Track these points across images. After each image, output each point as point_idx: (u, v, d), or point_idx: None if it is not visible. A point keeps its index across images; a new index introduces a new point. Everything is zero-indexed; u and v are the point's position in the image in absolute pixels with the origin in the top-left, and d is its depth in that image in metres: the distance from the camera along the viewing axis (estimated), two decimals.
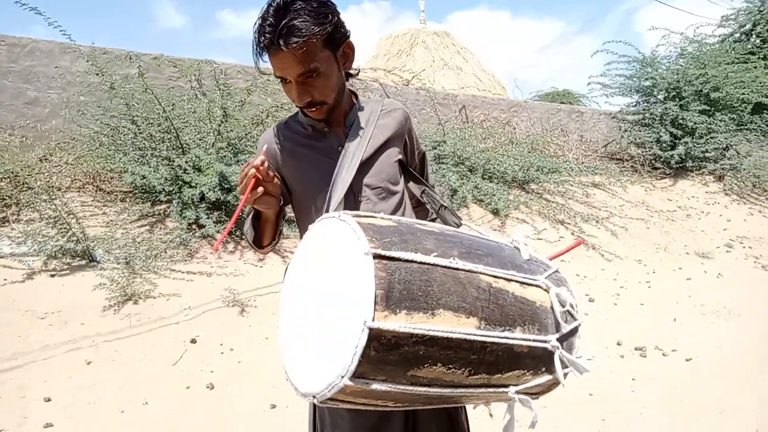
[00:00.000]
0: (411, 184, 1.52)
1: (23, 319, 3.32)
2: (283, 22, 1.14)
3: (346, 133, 1.38)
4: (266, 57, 1.22)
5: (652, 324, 4.12)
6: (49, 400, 2.70)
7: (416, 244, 0.97)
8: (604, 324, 4.12)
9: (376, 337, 0.85)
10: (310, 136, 1.39)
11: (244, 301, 3.82)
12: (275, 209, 1.29)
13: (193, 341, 3.37)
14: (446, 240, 1.04)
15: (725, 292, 4.83)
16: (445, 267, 0.96)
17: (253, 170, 1.14)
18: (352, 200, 1.35)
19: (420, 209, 1.60)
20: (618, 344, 3.75)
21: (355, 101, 1.44)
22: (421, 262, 0.93)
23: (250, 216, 1.38)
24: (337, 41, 1.26)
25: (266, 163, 1.16)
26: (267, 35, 1.17)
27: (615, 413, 2.89)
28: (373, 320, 0.85)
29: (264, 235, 1.38)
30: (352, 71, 1.36)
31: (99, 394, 2.79)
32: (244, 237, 1.47)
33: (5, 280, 3.62)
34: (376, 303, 0.86)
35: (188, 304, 3.74)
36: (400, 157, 1.46)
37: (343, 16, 1.28)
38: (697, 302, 4.58)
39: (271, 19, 1.16)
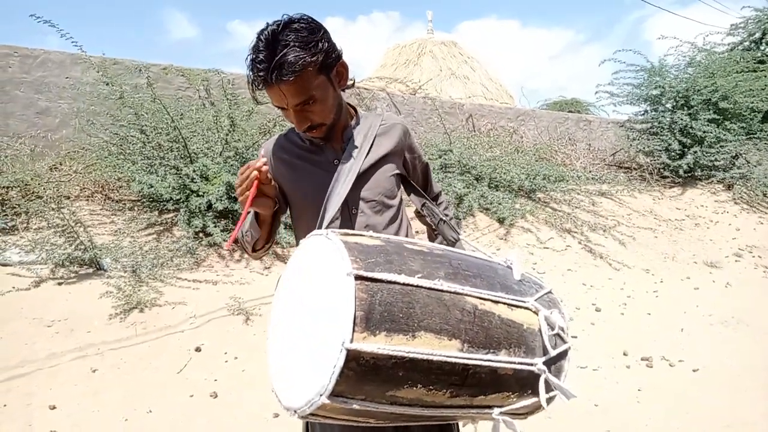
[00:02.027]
0: (412, 197, 1.53)
1: (30, 326, 3.35)
2: (275, 58, 1.15)
3: (343, 148, 1.39)
4: (263, 89, 1.24)
5: (659, 334, 4.08)
6: (54, 407, 2.72)
7: (401, 265, 0.97)
8: (610, 334, 4.09)
9: (354, 358, 0.86)
10: (307, 149, 1.41)
11: (249, 310, 3.83)
12: (271, 212, 1.31)
13: (198, 350, 3.38)
14: (434, 260, 1.04)
15: (733, 301, 4.78)
16: (428, 288, 0.96)
17: (255, 172, 1.17)
18: (347, 213, 1.37)
19: (422, 221, 1.60)
20: (624, 354, 3.72)
21: (354, 115, 1.45)
22: (404, 284, 0.94)
23: (249, 218, 1.39)
24: (330, 65, 1.27)
25: (266, 166, 1.20)
26: (260, 73, 1.18)
27: (620, 424, 2.86)
28: (352, 341, 0.86)
29: (260, 238, 1.40)
30: (348, 82, 1.37)
31: (103, 402, 2.81)
32: (240, 241, 1.49)
33: (13, 288, 3.66)
34: (355, 324, 0.87)
35: (193, 312, 3.76)
36: (398, 171, 1.46)
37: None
38: (705, 312, 4.53)
39: (262, 55, 1.17)
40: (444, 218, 1.48)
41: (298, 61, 1.16)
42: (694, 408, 3.01)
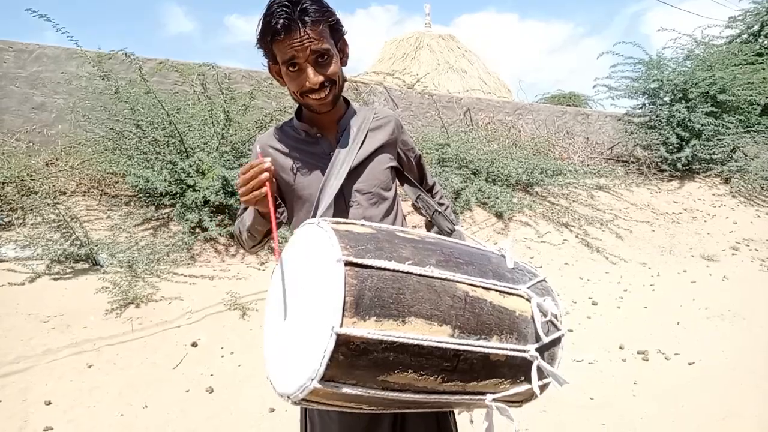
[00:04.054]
0: (407, 189, 1.53)
1: (26, 322, 3.35)
2: (298, 5, 1.21)
3: (338, 139, 1.39)
4: (274, 45, 1.24)
5: (656, 328, 4.08)
6: (49, 403, 2.72)
7: (392, 252, 0.98)
8: (606, 327, 4.10)
9: (344, 343, 0.88)
10: (303, 141, 1.41)
11: (246, 305, 3.83)
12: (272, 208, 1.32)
13: (194, 345, 3.38)
14: (425, 248, 1.05)
15: (730, 295, 4.79)
16: (419, 275, 0.97)
17: (266, 174, 1.18)
18: (342, 205, 1.37)
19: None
20: (620, 348, 3.73)
21: (347, 108, 1.45)
22: (394, 270, 0.95)
23: (252, 215, 1.39)
24: (339, 34, 1.32)
25: (271, 164, 1.21)
26: (284, 15, 1.20)
27: (616, 418, 2.86)
28: (341, 326, 0.87)
29: (261, 233, 1.43)
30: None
31: (99, 398, 2.81)
32: (235, 235, 1.50)
33: (9, 283, 3.66)
34: (345, 309, 0.88)
35: (190, 307, 3.76)
36: (393, 163, 1.47)
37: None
38: (702, 305, 4.54)
39: (282, 4, 1.20)
40: (438, 209, 1.48)
41: (318, 10, 1.23)
42: (690, 401, 3.01)
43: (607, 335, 3.93)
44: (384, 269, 0.94)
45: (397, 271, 0.95)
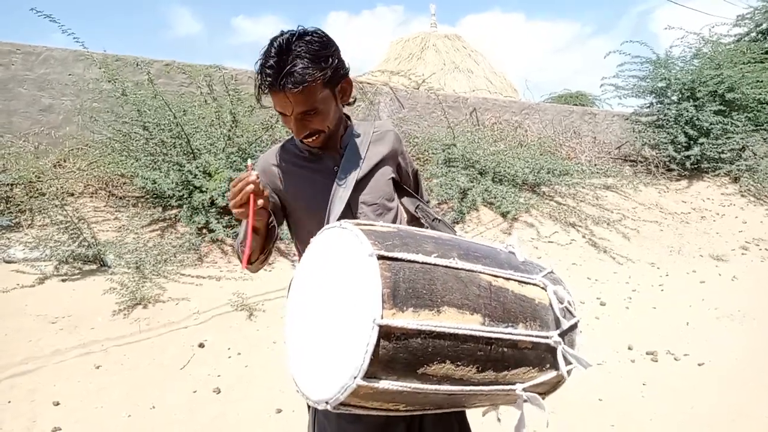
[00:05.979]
0: (405, 200, 1.57)
1: (35, 323, 3.36)
2: (285, 67, 1.19)
3: (342, 154, 1.43)
4: (268, 94, 1.28)
5: (665, 328, 4.05)
6: (57, 404, 2.73)
7: (417, 247, 1.00)
8: (615, 328, 4.07)
9: (385, 335, 0.88)
10: (306, 158, 1.45)
11: (253, 306, 3.83)
12: (265, 222, 1.32)
13: (201, 345, 3.39)
14: (445, 243, 1.08)
15: (740, 295, 4.75)
16: (446, 267, 1.00)
17: (251, 186, 1.18)
18: (349, 217, 1.40)
19: (415, 225, 1.62)
20: (629, 349, 3.70)
21: (348, 124, 1.50)
22: (423, 263, 0.97)
23: (242, 228, 1.40)
24: (337, 80, 1.31)
25: (258, 178, 1.20)
26: (269, 78, 1.21)
27: (625, 419, 2.84)
28: (382, 318, 0.88)
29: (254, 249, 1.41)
30: (350, 99, 1.42)
31: (107, 398, 2.82)
32: (235, 250, 1.52)
33: (18, 284, 3.68)
34: (384, 301, 0.89)
35: (197, 308, 3.77)
36: (394, 175, 1.52)
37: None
38: (711, 306, 4.50)
39: (272, 60, 1.21)
40: (438, 217, 1.52)
41: (306, 73, 1.20)
42: (699, 402, 2.99)
43: (616, 336, 3.90)
44: (414, 261, 0.96)
45: (426, 263, 0.97)
